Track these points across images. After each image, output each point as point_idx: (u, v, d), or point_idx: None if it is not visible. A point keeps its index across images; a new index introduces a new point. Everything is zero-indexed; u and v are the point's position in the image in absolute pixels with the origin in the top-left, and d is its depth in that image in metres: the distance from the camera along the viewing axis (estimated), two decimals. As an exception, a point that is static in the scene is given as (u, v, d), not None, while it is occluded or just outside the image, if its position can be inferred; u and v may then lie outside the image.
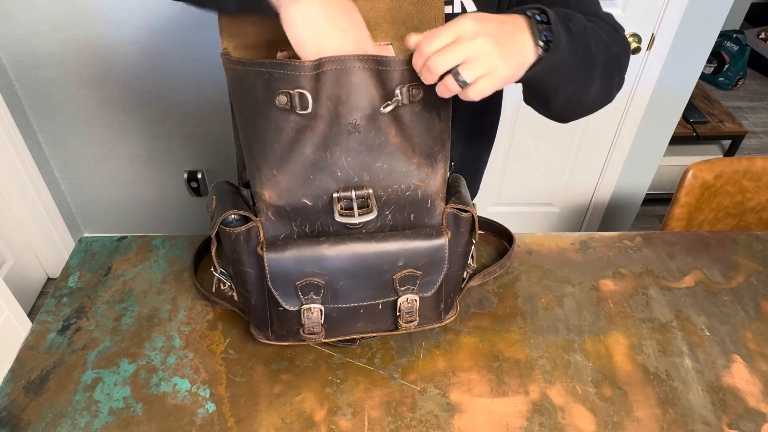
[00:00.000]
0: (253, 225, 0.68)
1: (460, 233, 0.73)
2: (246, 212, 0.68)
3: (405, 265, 0.69)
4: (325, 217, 0.67)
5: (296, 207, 0.66)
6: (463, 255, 0.76)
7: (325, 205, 0.67)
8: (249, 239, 0.68)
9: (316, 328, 0.72)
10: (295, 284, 0.68)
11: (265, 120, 0.63)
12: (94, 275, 0.91)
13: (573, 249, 0.98)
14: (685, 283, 0.92)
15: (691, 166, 1.26)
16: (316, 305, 0.70)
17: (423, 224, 0.70)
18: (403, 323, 0.75)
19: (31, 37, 1.60)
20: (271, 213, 0.67)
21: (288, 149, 0.64)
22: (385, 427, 0.72)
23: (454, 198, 0.71)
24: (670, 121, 1.79)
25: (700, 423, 0.73)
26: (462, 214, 0.71)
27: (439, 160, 0.68)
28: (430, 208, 0.70)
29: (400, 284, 0.71)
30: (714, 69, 3.18)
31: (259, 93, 0.62)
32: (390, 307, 0.74)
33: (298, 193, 0.66)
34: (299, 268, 0.67)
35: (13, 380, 0.76)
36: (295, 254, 0.66)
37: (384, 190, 0.67)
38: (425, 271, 0.70)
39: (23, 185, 1.79)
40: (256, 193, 0.67)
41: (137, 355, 0.79)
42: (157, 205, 2.05)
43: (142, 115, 1.79)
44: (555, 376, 0.78)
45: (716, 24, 1.56)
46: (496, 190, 1.99)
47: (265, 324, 0.76)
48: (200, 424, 0.72)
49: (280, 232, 0.68)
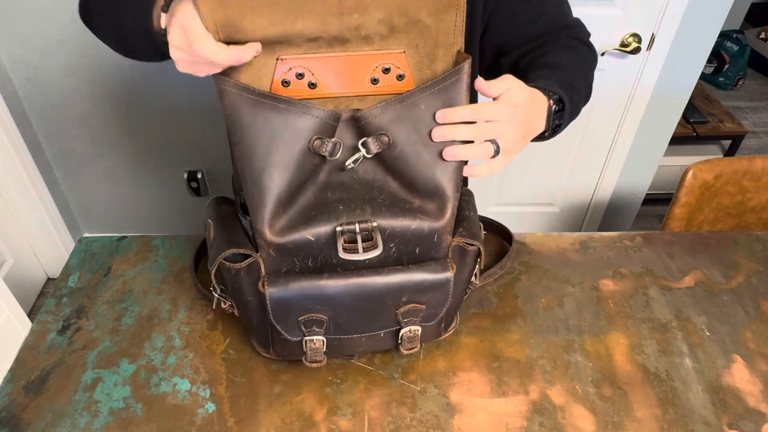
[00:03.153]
0: (254, 260, 0.66)
1: (466, 263, 0.72)
2: (246, 250, 0.66)
3: (408, 300, 0.68)
4: (327, 251, 0.65)
5: (298, 244, 0.64)
6: (467, 281, 0.76)
7: (328, 239, 0.64)
8: (250, 273, 0.67)
9: (319, 357, 0.72)
10: (297, 319, 0.67)
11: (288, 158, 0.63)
12: (94, 275, 0.91)
13: (573, 249, 0.98)
14: (685, 283, 0.92)
15: (691, 166, 1.26)
16: (319, 337, 0.70)
17: (429, 257, 0.68)
18: (404, 351, 0.75)
19: (31, 38, 1.60)
20: (272, 250, 0.64)
21: (300, 188, 0.64)
22: (385, 427, 0.72)
23: (461, 228, 0.70)
24: (670, 121, 1.79)
25: (700, 423, 0.73)
26: (469, 248, 0.70)
27: (445, 196, 0.66)
28: (437, 242, 0.67)
29: (403, 317, 0.70)
30: (714, 69, 3.18)
31: (287, 132, 0.62)
32: (392, 335, 0.74)
33: (300, 230, 0.64)
34: (301, 303, 0.66)
35: (13, 380, 0.76)
36: (297, 290, 0.64)
37: (388, 223, 0.64)
38: (429, 304, 0.69)
39: (23, 185, 1.79)
40: (257, 230, 0.64)
41: (137, 355, 0.79)
42: (157, 205, 2.05)
43: (142, 115, 1.79)
44: (555, 376, 0.78)
45: (716, 24, 1.56)
46: (496, 190, 1.99)
47: (267, 344, 0.76)
48: (200, 424, 0.72)
49: (281, 267, 0.66)
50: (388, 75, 0.64)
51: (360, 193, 0.65)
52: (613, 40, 1.59)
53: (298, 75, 0.63)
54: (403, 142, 0.64)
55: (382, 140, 0.64)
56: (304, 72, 0.63)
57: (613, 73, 1.66)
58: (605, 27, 1.57)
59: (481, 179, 1.92)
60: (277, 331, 0.69)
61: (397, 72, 0.64)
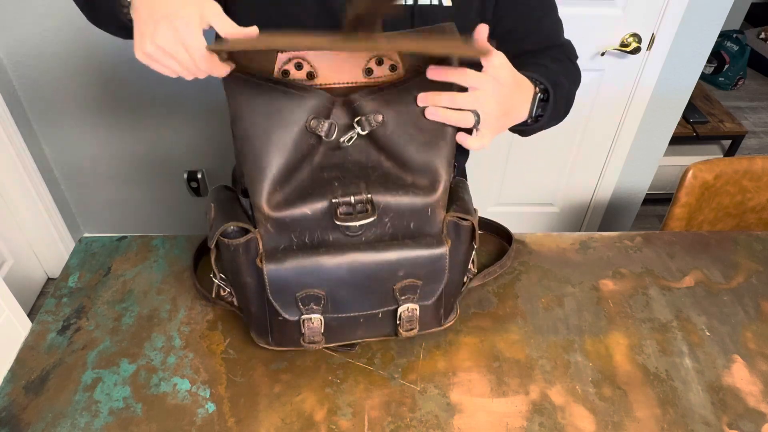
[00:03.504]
0: (252, 237, 0.67)
1: (461, 241, 0.73)
2: (245, 224, 0.67)
3: (405, 275, 0.69)
4: (324, 227, 0.67)
5: (295, 218, 0.66)
6: (464, 262, 0.76)
7: (325, 214, 0.66)
8: (248, 250, 0.68)
9: (317, 338, 0.72)
10: (295, 295, 0.68)
11: (286, 137, 0.66)
12: (94, 275, 0.91)
13: (573, 249, 0.98)
14: (685, 283, 0.92)
15: (691, 166, 1.26)
16: (317, 315, 0.70)
17: (423, 233, 0.69)
18: (403, 331, 0.75)
19: (31, 37, 1.60)
20: (270, 225, 0.66)
21: (297, 166, 0.67)
22: (385, 427, 0.72)
23: (455, 205, 0.71)
24: (670, 121, 1.79)
25: (700, 423, 0.73)
26: (462, 223, 0.71)
27: (438, 172, 0.68)
28: (431, 216, 0.69)
29: (400, 294, 0.70)
30: (714, 69, 3.18)
31: (286, 113, 0.65)
32: (390, 315, 0.74)
33: (297, 204, 0.66)
34: (299, 279, 0.67)
35: (13, 380, 0.76)
36: (294, 266, 0.66)
37: (382, 197, 0.67)
38: (426, 280, 0.70)
39: (23, 185, 1.79)
40: (255, 204, 0.66)
41: (137, 355, 0.79)
42: (157, 205, 2.05)
43: (143, 115, 1.79)
44: (555, 376, 0.78)
45: (716, 24, 1.56)
46: (496, 190, 1.99)
47: (265, 331, 0.76)
48: (200, 424, 0.72)
49: (279, 243, 0.68)
50: (382, 66, 0.70)
51: (354, 172, 0.68)
52: (613, 40, 1.59)
53: (297, 66, 0.68)
54: (395, 122, 0.67)
55: (376, 119, 0.67)
56: (302, 63, 0.68)
57: (613, 73, 1.66)
58: (605, 27, 1.57)
59: (482, 179, 1.92)
60: (275, 311, 0.70)
61: (390, 63, 0.69)
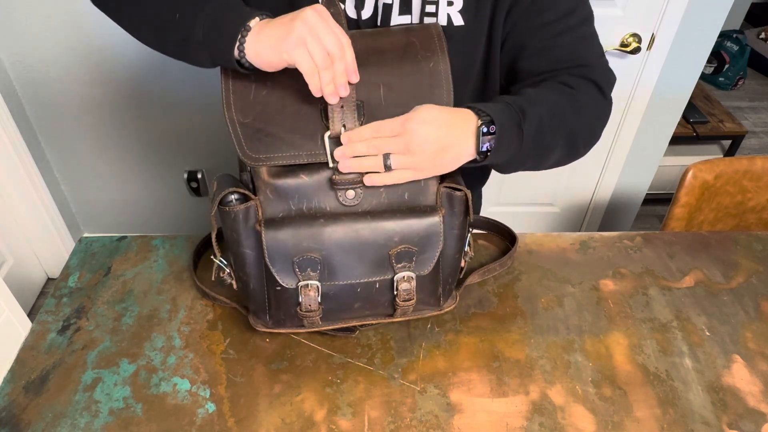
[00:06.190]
0: (252, 204, 0.70)
1: (455, 213, 0.74)
2: (245, 191, 0.70)
3: (401, 241, 0.71)
4: (322, 195, 0.71)
5: (293, 184, 0.69)
6: (459, 237, 0.77)
7: (321, 184, 0.70)
8: (248, 218, 0.71)
9: (313, 305, 0.73)
10: (292, 260, 0.70)
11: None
12: (94, 275, 0.91)
13: (573, 249, 0.98)
14: (685, 283, 0.92)
15: (691, 166, 1.26)
16: (314, 282, 0.72)
17: (417, 203, 0.72)
18: (401, 302, 0.75)
19: (31, 38, 1.60)
20: (269, 191, 0.70)
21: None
22: (385, 427, 0.72)
23: (448, 179, 0.74)
24: (670, 121, 1.79)
25: (700, 423, 0.73)
26: (456, 193, 0.73)
27: None
28: (424, 187, 0.72)
29: (396, 261, 0.72)
30: (714, 69, 3.18)
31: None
32: (387, 287, 0.75)
33: (295, 168, 0.69)
34: (296, 243, 0.69)
35: (13, 380, 0.76)
36: (292, 230, 0.69)
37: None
38: (421, 247, 0.72)
39: (23, 185, 1.79)
40: (255, 171, 0.70)
41: (137, 355, 0.79)
42: (157, 205, 2.05)
43: (143, 115, 1.79)
44: (555, 376, 0.78)
45: (716, 24, 1.56)
46: (496, 190, 1.99)
47: (264, 309, 0.77)
48: (200, 424, 0.72)
49: (278, 210, 0.71)
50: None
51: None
52: (613, 40, 1.59)
53: None
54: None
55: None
56: None
57: (613, 73, 1.66)
58: (605, 27, 1.57)
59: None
60: (273, 280, 0.71)
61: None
